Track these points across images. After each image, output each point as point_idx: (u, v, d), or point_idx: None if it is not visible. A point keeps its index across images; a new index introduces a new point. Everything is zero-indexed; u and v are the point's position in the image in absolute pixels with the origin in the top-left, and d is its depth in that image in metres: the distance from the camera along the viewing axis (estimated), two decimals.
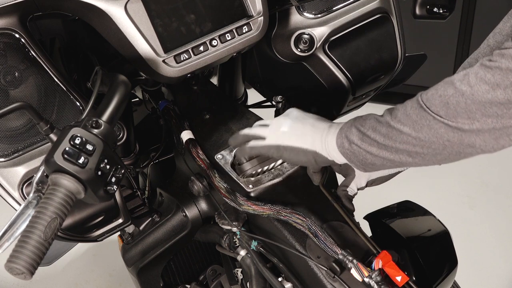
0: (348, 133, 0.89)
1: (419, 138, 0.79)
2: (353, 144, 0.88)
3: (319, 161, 0.95)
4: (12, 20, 0.93)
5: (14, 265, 0.70)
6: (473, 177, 2.74)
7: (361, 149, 0.87)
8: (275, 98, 1.22)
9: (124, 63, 1.14)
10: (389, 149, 0.84)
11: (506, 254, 2.38)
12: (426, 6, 1.39)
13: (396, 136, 0.82)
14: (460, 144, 0.77)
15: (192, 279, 1.43)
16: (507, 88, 0.69)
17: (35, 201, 0.83)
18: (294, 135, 0.97)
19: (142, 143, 1.28)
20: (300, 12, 1.21)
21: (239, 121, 1.22)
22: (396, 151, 0.83)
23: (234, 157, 1.12)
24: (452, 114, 0.75)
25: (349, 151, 0.89)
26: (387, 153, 0.84)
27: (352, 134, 0.88)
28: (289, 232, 1.00)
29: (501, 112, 0.71)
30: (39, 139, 0.96)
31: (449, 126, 0.76)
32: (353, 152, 0.88)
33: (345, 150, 0.90)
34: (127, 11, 0.97)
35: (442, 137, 0.77)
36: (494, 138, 0.75)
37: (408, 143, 0.81)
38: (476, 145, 0.76)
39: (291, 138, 0.97)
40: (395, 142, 0.82)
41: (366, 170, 0.91)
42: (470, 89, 0.73)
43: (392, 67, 1.31)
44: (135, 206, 1.26)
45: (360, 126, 0.87)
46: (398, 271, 0.88)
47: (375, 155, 0.86)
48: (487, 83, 0.71)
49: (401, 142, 0.82)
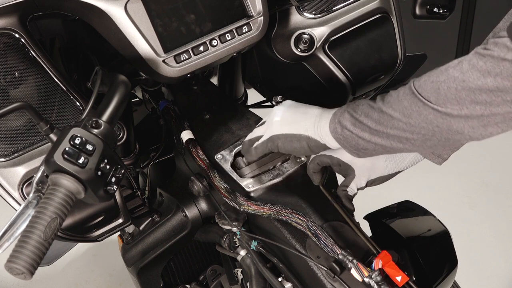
0: (341, 118, 0.90)
1: (409, 124, 0.80)
2: (345, 129, 0.89)
3: (312, 146, 0.96)
4: (12, 20, 0.93)
5: (14, 265, 0.70)
6: (473, 177, 2.74)
7: (353, 134, 0.88)
8: (275, 98, 1.22)
9: (124, 63, 1.14)
10: (381, 135, 0.85)
11: (506, 254, 2.38)
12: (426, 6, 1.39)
13: (387, 121, 0.83)
14: (448, 130, 0.78)
15: (192, 279, 1.43)
16: (497, 76, 0.70)
17: (35, 201, 0.83)
18: (286, 123, 0.99)
19: (142, 143, 1.28)
20: (300, 12, 1.21)
21: (239, 121, 1.22)
22: (387, 136, 0.84)
23: (234, 158, 1.12)
24: (442, 99, 0.76)
25: (342, 136, 0.90)
26: (379, 139, 0.85)
27: (345, 119, 0.89)
28: (289, 232, 1.00)
29: (490, 99, 0.72)
30: (39, 139, 0.96)
31: (438, 111, 0.77)
32: (345, 137, 0.90)
33: (337, 135, 0.91)
34: (127, 11, 0.97)
35: (432, 122, 0.78)
36: (482, 125, 0.75)
37: (398, 128, 0.82)
38: (464, 132, 0.77)
39: (283, 126, 0.99)
40: (386, 127, 0.84)
41: (360, 156, 0.92)
42: (462, 75, 0.73)
43: (392, 67, 1.31)
44: (135, 206, 1.26)
45: (353, 112, 0.89)
46: (398, 271, 0.88)
47: (367, 141, 0.87)
48: (478, 70, 0.72)
49: (392, 128, 0.83)
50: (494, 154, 2.84)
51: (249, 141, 1.06)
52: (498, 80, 0.70)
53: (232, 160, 1.12)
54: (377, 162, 1.02)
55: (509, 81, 0.70)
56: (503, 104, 0.72)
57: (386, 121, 0.83)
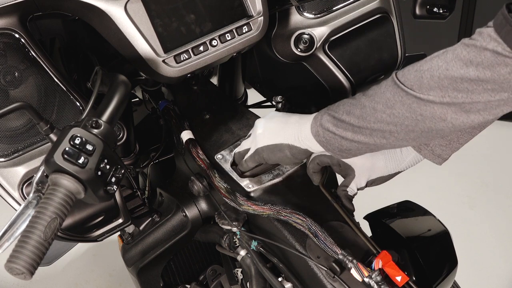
0: (323, 120, 0.90)
1: (393, 114, 0.81)
2: (327, 131, 0.89)
3: (294, 153, 0.97)
4: (12, 20, 0.93)
5: (14, 265, 0.70)
6: (473, 177, 2.74)
7: (336, 135, 0.88)
8: (275, 98, 1.22)
9: (124, 63, 1.14)
10: (364, 132, 0.85)
11: (506, 254, 2.38)
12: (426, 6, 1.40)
13: (370, 115, 0.83)
14: (432, 117, 0.78)
15: (192, 279, 1.43)
16: (478, 65, 0.71)
17: (35, 201, 0.83)
18: (267, 134, 1.00)
19: (142, 143, 1.28)
20: (300, 12, 1.21)
21: (239, 121, 1.22)
22: (371, 132, 0.84)
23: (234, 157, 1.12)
24: (425, 88, 0.77)
25: (324, 138, 0.90)
26: (362, 137, 0.86)
27: (326, 121, 0.90)
28: (289, 232, 1.00)
29: (472, 88, 0.73)
30: (39, 139, 0.96)
31: (421, 99, 0.77)
32: (328, 139, 0.90)
33: (320, 138, 0.91)
34: (127, 11, 0.97)
35: (415, 111, 0.79)
36: (464, 112, 0.76)
37: (382, 121, 0.82)
38: (447, 119, 0.77)
39: (265, 138, 1.00)
40: (369, 122, 0.84)
41: (343, 157, 0.93)
42: (445, 65, 0.74)
43: (392, 67, 1.31)
44: (135, 206, 1.26)
45: (333, 113, 0.89)
46: (398, 271, 0.88)
47: (350, 140, 0.87)
48: (461, 60, 0.73)
49: (375, 121, 0.83)
50: (494, 154, 2.84)
51: (238, 153, 1.08)
52: (480, 69, 0.71)
53: (232, 160, 1.12)
54: (377, 162, 1.02)
55: (490, 71, 0.70)
56: (484, 92, 0.73)
57: (369, 115, 0.84)
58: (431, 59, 0.78)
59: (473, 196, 2.67)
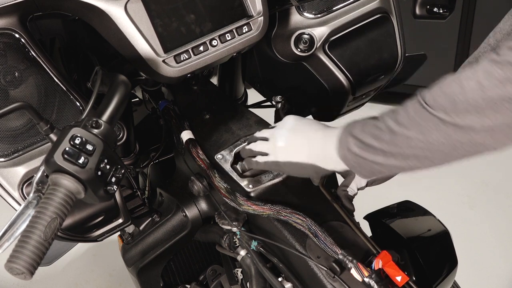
0: (349, 144, 0.86)
1: (428, 142, 0.76)
2: (358, 156, 0.84)
3: (319, 172, 0.94)
4: (12, 20, 0.93)
5: (14, 265, 0.70)
6: (473, 177, 2.74)
7: (366, 160, 0.83)
8: (275, 98, 1.22)
9: (124, 63, 1.14)
10: (397, 156, 0.80)
11: (506, 254, 2.38)
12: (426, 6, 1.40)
13: (403, 142, 0.78)
14: (471, 143, 0.73)
15: (192, 279, 1.43)
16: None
17: (35, 201, 0.83)
18: (290, 150, 0.96)
19: (142, 143, 1.28)
20: (300, 12, 1.21)
21: (239, 121, 1.22)
22: (404, 158, 0.80)
23: (234, 158, 1.12)
24: (461, 113, 0.71)
25: (355, 163, 0.86)
26: (395, 161, 0.81)
27: (353, 145, 0.85)
28: (289, 232, 1.00)
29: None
30: (39, 139, 0.96)
31: (458, 126, 0.72)
32: (359, 163, 0.85)
33: (350, 163, 0.87)
34: (127, 11, 0.97)
35: (452, 138, 0.74)
36: (505, 135, 0.72)
37: (416, 147, 0.77)
38: (487, 144, 0.73)
39: (288, 154, 0.96)
40: (402, 148, 0.79)
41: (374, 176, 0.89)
42: (479, 86, 0.69)
43: (392, 67, 1.31)
44: (135, 206, 1.26)
45: (359, 136, 0.84)
46: (398, 271, 0.88)
47: (382, 164, 0.82)
48: (496, 78, 0.68)
49: (408, 147, 0.78)
50: (494, 154, 2.83)
51: (250, 151, 1.03)
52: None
53: (232, 160, 1.12)
54: None
55: None
56: None
57: (401, 142, 0.79)
58: (459, 80, 0.72)
59: (473, 196, 2.67)
